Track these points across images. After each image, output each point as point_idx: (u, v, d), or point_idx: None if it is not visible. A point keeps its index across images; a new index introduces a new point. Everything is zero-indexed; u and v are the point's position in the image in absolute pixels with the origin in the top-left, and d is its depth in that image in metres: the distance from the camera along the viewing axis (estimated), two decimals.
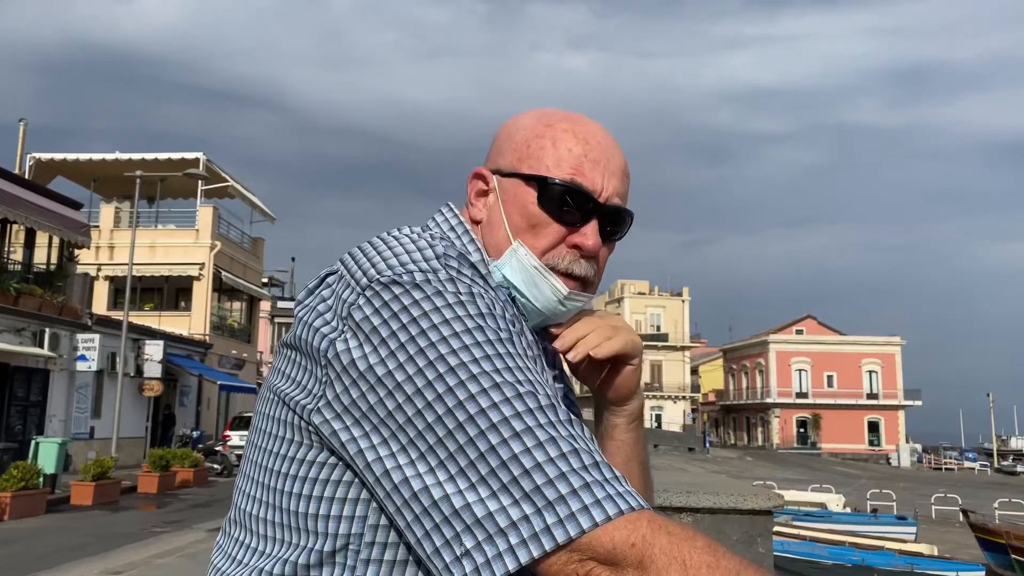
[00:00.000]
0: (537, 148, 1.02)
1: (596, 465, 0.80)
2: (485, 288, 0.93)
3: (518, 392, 0.82)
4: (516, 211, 1.02)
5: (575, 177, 1.01)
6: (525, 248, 1.01)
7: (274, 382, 0.95)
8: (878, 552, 15.28)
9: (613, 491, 0.78)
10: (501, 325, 0.88)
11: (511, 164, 1.04)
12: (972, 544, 18.39)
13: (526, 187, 1.02)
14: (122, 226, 30.97)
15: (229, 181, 33.42)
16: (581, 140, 1.02)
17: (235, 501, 0.98)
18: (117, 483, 16.94)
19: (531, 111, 1.09)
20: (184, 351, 28.97)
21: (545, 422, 0.81)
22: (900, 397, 67.93)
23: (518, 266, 1.01)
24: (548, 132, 1.03)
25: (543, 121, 1.05)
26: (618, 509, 0.77)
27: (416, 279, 0.87)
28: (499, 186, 1.05)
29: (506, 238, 1.02)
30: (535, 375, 0.86)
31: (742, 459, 51.46)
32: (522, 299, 1.02)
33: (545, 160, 1.01)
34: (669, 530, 0.78)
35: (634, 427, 1.12)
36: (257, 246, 38.13)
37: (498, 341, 0.85)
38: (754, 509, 2.67)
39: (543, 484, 0.77)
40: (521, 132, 1.05)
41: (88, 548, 11.00)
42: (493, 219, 1.04)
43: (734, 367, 74.94)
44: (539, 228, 1.01)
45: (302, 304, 0.96)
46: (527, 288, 1.01)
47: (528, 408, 0.81)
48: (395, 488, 0.81)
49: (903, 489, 32.74)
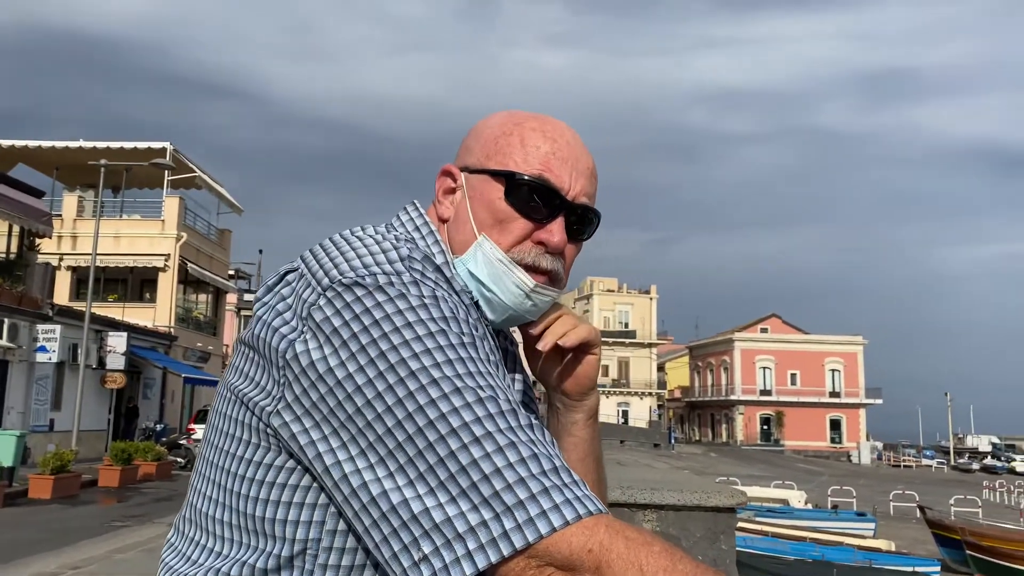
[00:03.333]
0: (505, 145, 1.02)
1: (555, 470, 0.80)
2: (449, 292, 0.93)
3: (479, 397, 0.82)
4: (483, 207, 1.02)
5: (543, 173, 1.01)
6: (490, 242, 1.01)
7: (232, 381, 0.94)
8: (838, 548, 15.47)
9: (571, 495, 0.79)
10: (464, 329, 0.88)
11: (479, 161, 1.04)
12: (929, 540, 18.75)
13: (494, 183, 1.02)
14: (86, 215, 30.37)
15: (196, 171, 32.93)
16: (550, 139, 1.03)
17: (190, 500, 0.97)
18: (77, 477, 16.63)
19: (501, 111, 1.09)
20: (148, 343, 28.52)
21: (505, 427, 0.81)
22: (861, 396, 69.00)
23: (483, 259, 1.00)
24: (517, 130, 1.03)
25: (512, 120, 1.05)
26: (576, 514, 0.77)
27: (379, 281, 0.87)
28: (467, 183, 1.04)
29: (472, 234, 1.02)
30: (496, 380, 0.86)
31: (706, 455, 51.96)
32: (489, 294, 1.01)
33: (513, 156, 1.01)
34: (627, 535, 0.78)
35: (591, 423, 1.13)
36: (224, 238, 37.62)
37: (460, 345, 0.85)
38: (718, 506, 2.70)
39: (502, 489, 0.77)
40: (489, 130, 1.05)
41: (46, 543, 10.79)
42: (460, 216, 1.04)
43: (700, 364, 75.58)
44: (505, 224, 1.01)
45: (261, 302, 0.95)
46: (493, 282, 1.00)
47: (488, 413, 0.81)
48: (353, 492, 0.81)
49: (862, 486, 33.27)
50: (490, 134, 1.05)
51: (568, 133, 1.05)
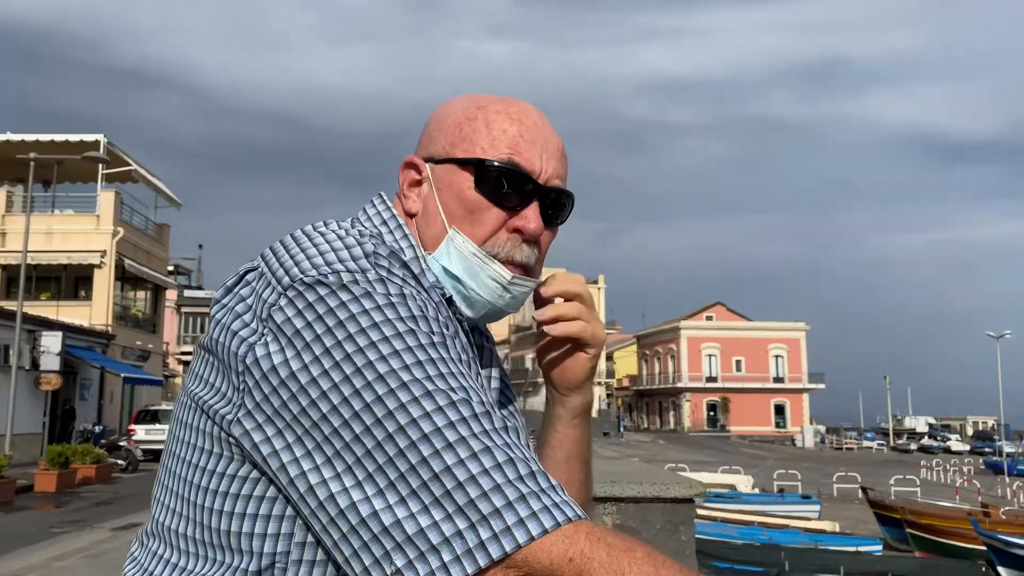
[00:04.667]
0: (470, 131, 0.98)
1: (532, 475, 0.76)
2: (417, 289, 0.88)
3: (451, 400, 0.77)
4: (452, 198, 0.97)
5: (512, 157, 0.96)
6: (462, 236, 0.96)
7: (191, 387, 0.89)
8: (785, 531, 15.87)
9: (550, 502, 0.75)
10: (434, 328, 0.84)
11: (444, 150, 0.99)
12: (871, 520, 19.36)
13: (461, 172, 0.97)
14: (15, 211, 29.44)
15: (132, 165, 32.09)
16: (515, 120, 0.98)
17: (153, 512, 0.92)
18: (11, 482, 16.19)
19: (462, 96, 1.04)
20: (85, 342, 27.79)
21: (479, 431, 0.77)
22: (804, 380, 70.81)
23: (456, 254, 0.96)
24: (480, 114, 0.99)
25: (475, 104, 1.00)
26: (555, 521, 0.74)
27: (343, 279, 0.82)
28: (432, 174, 0.99)
29: (443, 228, 0.97)
30: (469, 380, 0.82)
31: (655, 443, 52.77)
32: (466, 290, 0.97)
33: (479, 142, 0.97)
34: (608, 542, 0.75)
35: (577, 423, 1.08)
36: (162, 233, 36.83)
37: (430, 346, 0.81)
38: (676, 497, 2.70)
39: (477, 497, 0.73)
40: (452, 116, 1.00)
41: None
42: (429, 209, 0.99)
43: (647, 353, 76.64)
44: (477, 214, 0.96)
45: (220, 304, 0.90)
46: (469, 277, 0.96)
47: (462, 417, 0.77)
48: (320, 505, 0.76)
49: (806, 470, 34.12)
50: (453, 120, 1.00)
51: (534, 114, 1.01)
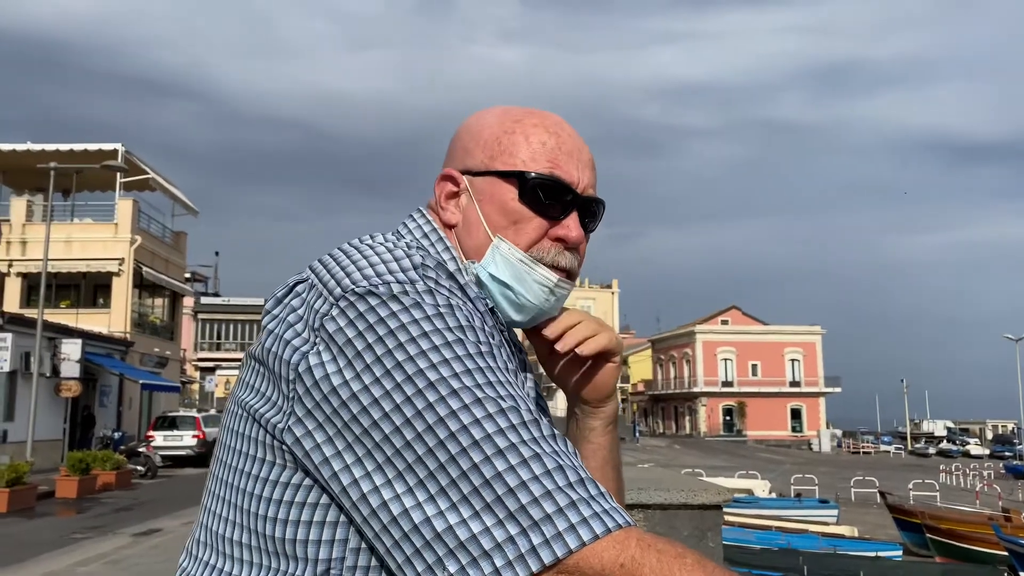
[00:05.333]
0: (509, 144, 1.01)
1: (582, 482, 0.78)
2: (464, 299, 0.90)
3: (500, 407, 0.79)
4: (495, 210, 1.00)
5: (553, 171, 1.00)
6: (507, 243, 0.99)
7: (241, 396, 0.91)
8: (802, 535, 15.76)
9: (600, 508, 0.77)
10: (481, 338, 0.86)
11: (483, 163, 1.01)
12: (890, 524, 19.19)
13: (504, 184, 1.00)
14: (35, 220, 29.64)
15: (149, 173, 32.32)
16: (553, 133, 1.02)
17: (203, 521, 0.93)
18: (33, 488, 16.25)
19: (492, 109, 1.07)
20: (104, 349, 27.98)
21: (529, 438, 0.79)
22: (821, 384, 70.37)
23: (503, 261, 0.99)
24: (518, 127, 1.02)
25: (510, 117, 1.03)
26: (605, 528, 0.75)
27: (393, 290, 0.84)
28: (472, 186, 1.02)
29: (486, 238, 1.00)
30: (517, 389, 0.84)
31: (670, 448, 52.54)
32: (514, 295, 1.00)
33: (520, 155, 1.00)
34: (658, 548, 0.76)
35: (609, 430, 1.10)
36: (179, 240, 37.03)
37: (478, 355, 0.83)
38: (704, 504, 2.71)
39: (528, 503, 0.75)
40: (488, 130, 1.03)
41: (4, 557, 10.50)
42: (470, 220, 1.02)
43: (662, 357, 76.36)
44: (521, 224, 1.00)
45: (271, 314, 0.92)
46: (517, 283, 0.99)
47: (511, 424, 0.79)
48: (373, 512, 0.78)
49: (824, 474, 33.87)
50: (490, 134, 1.02)
51: (567, 126, 1.05)
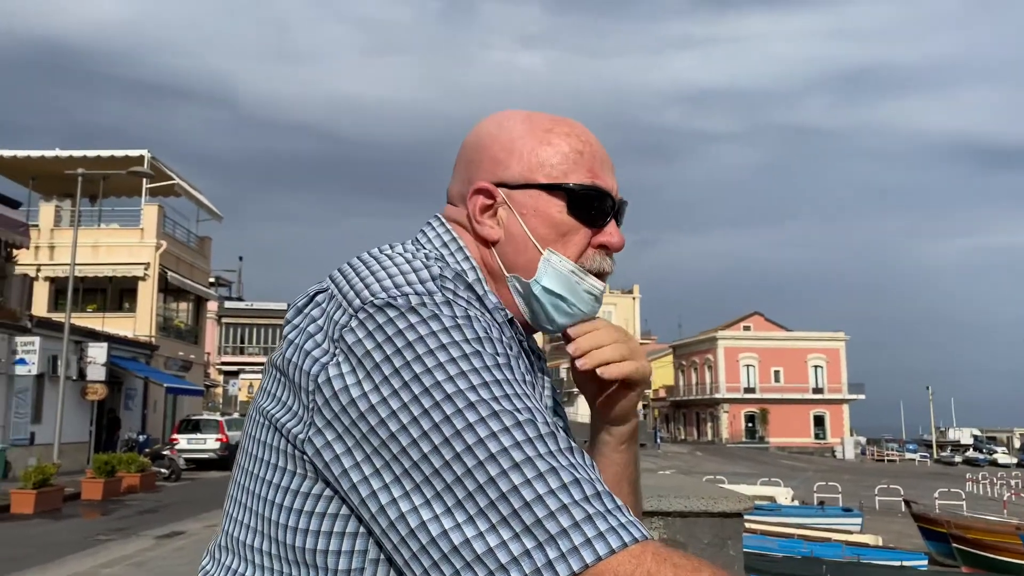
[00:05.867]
0: (547, 156, 1.00)
1: (598, 495, 0.78)
2: (482, 311, 0.91)
3: (517, 420, 0.80)
4: (542, 223, 1.00)
5: (594, 180, 1.01)
6: (557, 255, 1.00)
7: (263, 404, 0.92)
8: (826, 544, 15.59)
9: (616, 522, 0.77)
10: (499, 349, 0.86)
11: (521, 175, 1.00)
12: (915, 534, 18.92)
13: (549, 197, 1.00)
14: (63, 225, 30.07)
15: (175, 179, 32.68)
16: (584, 142, 1.03)
17: (224, 527, 0.95)
18: (60, 490, 16.43)
19: (511, 115, 1.05)
20: (129, 353, 28.28)
21: (545, 451, 0.79)
22: (844, 391, 69.56)
23: (555, 274, 1.00)
24: (551, 138, 1.02)
25: (539, 126, 1.03)
26: (622, 542, 0.75)
27: (411, 302, 0.85)
28: (511, 199, 1.01)
29: (535, 252, 1.00)
30: (534, 401, 0.84)
31: (692, 454, 52.20)
32: (566, 305, 1.01)
33: (561, 167, 1.00)
34: (674, 562, 0.76)
35: (625, 447, 1.09)
36: (204, 245, 37.39)
37: (495, 367, 0.83)
38: (724, 512, 2.69)
39: (544, 517, 0.75)
40: (521, 140, 1.02)
41: (30, 559, 10.63)
42: (515, 236, 1.01)
43: (684, 363, 75.92)
44: (569, 236, 1.01)
45: (292, 324, 0.93)
46: (570, 294, 1.00)
47: (527, 437, 0.79)
48: (391, 524, 0.79)
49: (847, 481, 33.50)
50: (524, 145, 1.01)
51: (591, 133, 1.06)
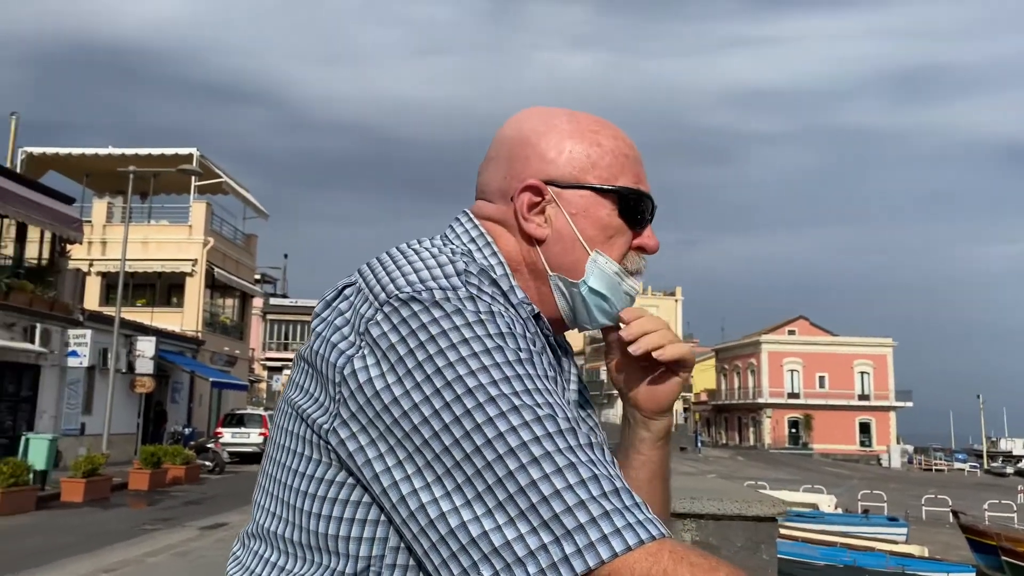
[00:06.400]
0: (597, 157, 1.01)
1: (616, 492, 0.78)
2: (506, 306, 0.91)
3: (537, 415, 0.80)
4: (591, 224, 1.01)
5: (639, 184, 1.03)
6: (604, 256, 1.01)
7: (291, 395, 0.94)
8: (869, 553, 15.29)
9: (634, 519, 0.77)
10: (521, 345, 0.87)
11: (572, 175, 1.00)
12: (962, 545, 18.45)
13: (600, 199, 1.01)
14: (115, 221, 30.81)
15: (223, 177, 33.28)
16: (628, 145, 1.05)
17: (254, 515, 0.97)
18: (108, 480, 16.86)
19: (554, 113, 1.05)
20: (176, 347, 28.87)
21: (565, 447, 0.79)
22: (891, 398, 68.16)
23: (601, 274, 1.01)
24: (599, 139, 1.03)
25: (587, 127, 1.03)
26: (639, 539, 0.75)
27: (436, 296, 0.86)
28: (561, 198, 1.01)
29: (583, 252, 1.01)
30: (556, 397, 0.84)
31: (733, 459, 51.59)
32: (607, 305, 1.03)
33: (610, 169, 1.02)
34: (692, 561, 0.76)
35: (661, 444, 1.09)
36: (250, 242, 38.00)
37: (517, 362, 0.84)
38: (758, 516, 2.66)
39: (562, 512, 0.75)
40: (570, 140, 1.02)
41: (79, 545, 10.93)
42: (564, 235, 1.01)
43: (726, 367, 75.08)
44: (615, 238, 1.03)
45: (320, 318, 0.94)
46: (612, 294, 1.02)
47: (547, 432, 0.79)
48: (411, 515, 0.80)
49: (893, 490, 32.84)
50: (575, 145, 1.01)
51: (625, 133, 1.07)
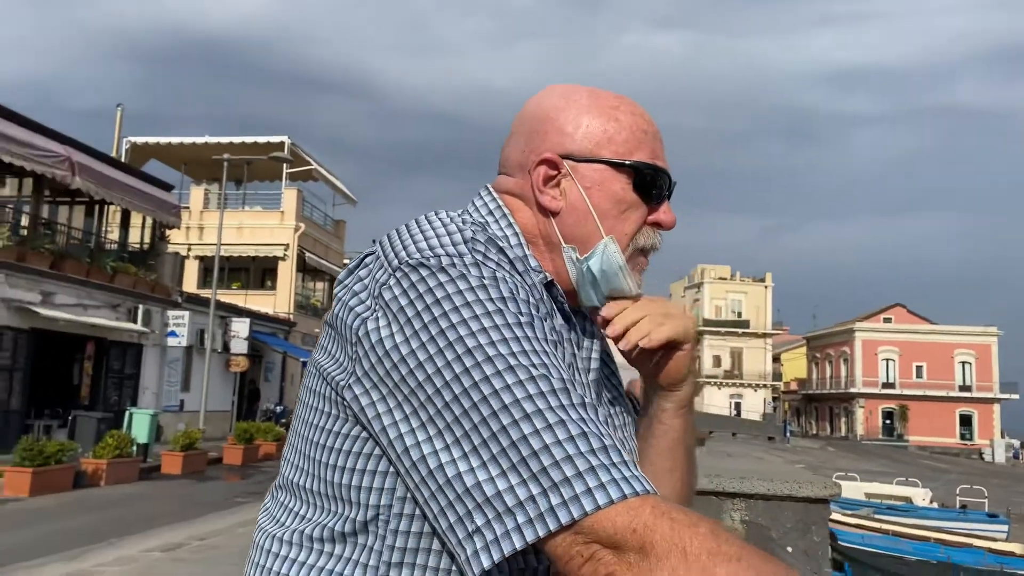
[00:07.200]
0: (614, 132, 1.04)
1: (604, 449, 0.81)
2: (511, 272, 0.95)
3: (531, 375, 0.84)
4: (605, 198, 1.04)
5: (655, 160, 1.05)
6: (615, 246, 1.04)
7: (317, 357, 1.00)
8: (966, 550, 14.66)
9: (619, 475, 0.79)
10: (523, 309, 0.90)
11: (588, 149, 1.03)
12: None
13: (615, 173, 1.03)
14: (211, 208, 32.06)
15: (313, 164, 34.19)
16: (648, 121, 1.06)
17: (281, 470, 1.04)
18: (204, 454, 17.65)
19: (575, 90, 1.08)
20: (269, 329, 29.85)
21: (556, 405, 0.82)
22: (996, 390, 64.88)
23: (601, 259, 1.04)
24: (617, 115, 1.05)
25: (606, 103, 1.06)
26: (621, 493, 0.78)
27: (442, 262, 0.90)
28: (576, 172, 1.04)
29: (595, 226, 1.04)
30: (552, 359, 0.88)
31: (823, 450, 50.15)
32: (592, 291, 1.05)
33: (626, 144, 1.04)
34: (672, 516, 0.78)
35: (683, 413, 1.11)
36: (339, 228, 38.94)
37: (516, 325, 0.87)
38: (809, 497, 2.61)
39: (549, 465, 0.79)
40: (587, 115, 1.05)
41: (177, 514, 11.55)
42: (577, 209, 1.04)
43: (818, 356, 72.89)
44: (629, 212, 1.04)
45: (342, 284, 1.00)
46: (604, 283, 1.04)
47: (540, 391, 0.83)
48: (414, 465, 0.85)
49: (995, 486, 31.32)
50: (592, 120, 1.04)
51: (644, 109, 1.08)
